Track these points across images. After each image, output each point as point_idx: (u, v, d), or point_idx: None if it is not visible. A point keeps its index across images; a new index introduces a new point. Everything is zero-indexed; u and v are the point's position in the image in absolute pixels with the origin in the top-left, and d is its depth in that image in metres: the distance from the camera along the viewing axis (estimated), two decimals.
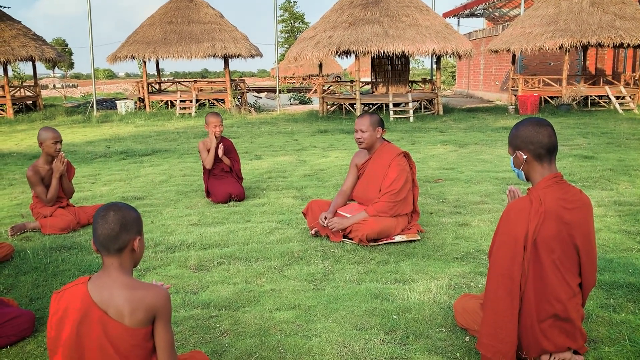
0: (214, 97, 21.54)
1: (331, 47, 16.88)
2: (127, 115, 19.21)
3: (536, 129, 2.65)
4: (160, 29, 20.41)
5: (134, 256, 2.22)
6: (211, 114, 6.37)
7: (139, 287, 2.14)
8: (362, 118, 4.79)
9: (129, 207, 2.19)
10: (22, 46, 19.49)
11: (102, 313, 2.09)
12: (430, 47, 16.67)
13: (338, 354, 2.88)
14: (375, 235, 4.56)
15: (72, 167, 5.56)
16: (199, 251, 4.57)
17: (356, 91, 17.82)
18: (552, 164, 2.69)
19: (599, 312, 3.29)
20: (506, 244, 2.63)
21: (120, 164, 9.39)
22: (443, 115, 17.91)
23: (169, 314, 2.17)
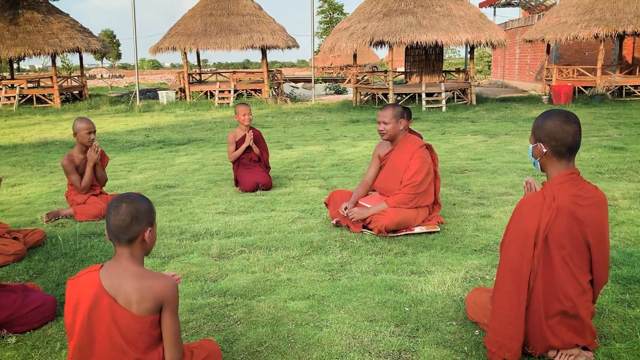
0: (251, 87, 21.76)
1: (365, 38, 16.83)
2: (168, 105, 19.60)
3: (562, 126, 2.55)
4: (201, 20, 20.71)
5: (145, 246, 2.30)
6: (240, 103, 6.51)
7: (148, 276, 2.23)
8: (385, 110, 4.80)
9: (141, 199, 2.27)
10: (70, 38, 20.09)
11: (111, 300, 2.19)
12: (464, 37, 16.45)
13: (347, 345, 2.93)
14: (395, 226, 4.58)
15: (105, 156, 5.74)
16: (222, 239, 4.68)
17: (389, 81, 17.70)
18: (570, 161, 2.63)
19: (613, 308, 3.24)
20: (517, 238, 2.61)
21: (157, 153, 9.63)
22: (476, 105, 17.65)
23: (176, 303, 2.25)
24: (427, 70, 20.02)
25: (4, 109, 19.06)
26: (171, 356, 2.25)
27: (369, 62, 46.38)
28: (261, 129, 12.80)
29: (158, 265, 4.14)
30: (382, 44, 17.78)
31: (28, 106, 19.94)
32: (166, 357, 2.25)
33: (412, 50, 19.72)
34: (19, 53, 19.31)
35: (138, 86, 21.59)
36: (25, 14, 19.99)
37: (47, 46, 19.34)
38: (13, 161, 8.99)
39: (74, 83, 22.58)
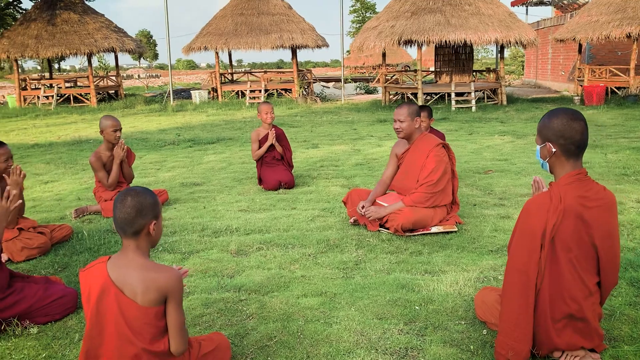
0: (282, 87, 21.92)
1: (393, 37, 16.79)
2: (201, 104, 19.91)
3: (570, 124, 2.54)
4: (232, 20, 20.96)
5: (151, 239, 2.39)
6: (263, 102, 6.63)
7: (153, 268, 2.32)
8: (401, 108, 4.82)
9: (146, 193, 2.35)
10: (105, 38, 20.59)
11: (118, 291, 2.28)
12: (493, 36, 16.27)
13: (355, 341, 2.98)
14: (411, 225, 4.61)
15: (132, 153, 5.91)
16: (241, 236, 4.78)
17: (418, 80, 17.62)
18: (578, 161, 2.61)
19: (625, 310, 3.22)
20: (524, 240, 2.60)
21: (186, 152, 9.82)
22: (506, 105, 17.43)
23: (180, 295, 2.34)
24: (457, 70, 19.87)
25: (43, 108, 19.65)
26: (176, 347, 2.34)
27: (401, 62, 46.16)
28: (289, 128, 12.93)
29: (178, 260, 4.26)
30: (411, 43, 17.70)
31: (66, 105, 20.52)
32: (171, 347, 2.34)
33: (442, 49, 19.61)
34: (56, 53, 19.88)
35: (172, 86, 21.96)
36: (62, 14, 20.56)
37: (83, 46, 19.86)
38: (47, 159, 9.29)
39: (110, 83, 23.11)
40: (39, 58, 22.09)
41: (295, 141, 10.77)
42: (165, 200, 5.97)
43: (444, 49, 19.50)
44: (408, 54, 50.47)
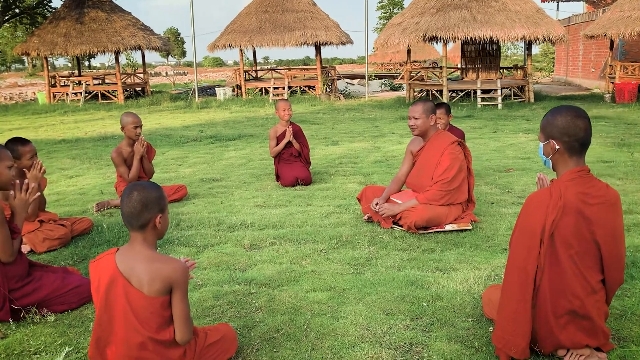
0: (305, 84, 21.99)
1: (418, 34, 16.70)
2: (225, 101, 20.09)
3: (574, 121, 2.54)
4: (256, 18, 21.10)
5: (157, 232, 2.46)
6: (281, 99, 6.68)
7: (159, 260, 2.39)
8: (416, 105, 4.82)
9: (152, 187, 2.42)
10: (132, 36, 20.91)
11: (125, 281, 2.36)
12: (520, 32, 16.04)
13: (360, 335, 3.02)
14: (424, 223, 4.61)
15: (152, 149, 6.02)
16: (256, 231, 4.85)
17: (443, 77, 17.50)
18: (581, 158, 2.62)
19: (637, 310, 3.18)
20: (523, 236, 2.63)
21: (208, 148, 9.95)
22: (534, 103, 17.19)
23: (185, 286, 2.40)
24: (483, 67, 19.68)
25: (71, 104, 20.06)
26: (181, 336, 2.41)
27: (429, 58, 45.76)
28: (310, 125, 12.98)
29: (193, 253, 4.34)
30: (436, 40, 17.58)
31: (94, 102, 20.90)
32: (176, 336, 2.41)
33: (469, 45, 19.43)
34: (84, 51, 20.28)
35: (197, 83, 22.20)
36: (90, 13, 20.95)
37: (110, 44, 20.21)
38: (73, 154, 9.50)
39: (137, 80, 23.47)
40: (67, 56, 22.51)
41: (315, 138, 10.82)
42: (184, 195, 6.08)
43: (471, 46, 19.33)
44: (436, 50, 50.00)
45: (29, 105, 20.35)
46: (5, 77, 58.09)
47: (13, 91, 30.90)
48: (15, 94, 27.69)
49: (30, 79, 48.41)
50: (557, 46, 24.80)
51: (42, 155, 9.50)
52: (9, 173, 3.24)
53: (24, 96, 26.83)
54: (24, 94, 27.82)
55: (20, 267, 3.24)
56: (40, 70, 52.80)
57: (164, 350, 2.41)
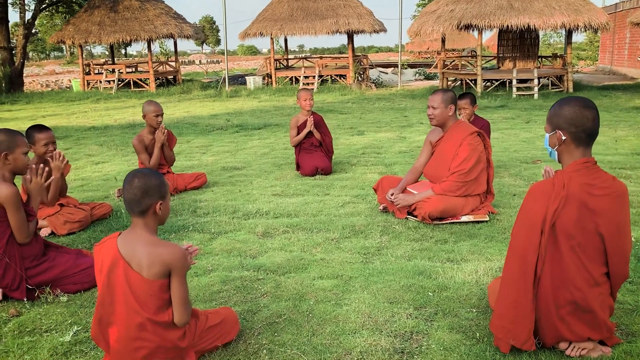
0: (336, 72, 21.91)
1: (452, 22, 16.44)
2: (255, 90, 20.17)
3: (582, 112, 2.52)
4: (288, 6, 21.08)
5: (158, 217, 2.51)
6: (302, 89, 6.68)
7: (158, 244, 2.44)
8: (435, 94, 4.76)
9: (152, 174, 2.48)
10: (164, 24, 21.15)
11: (126, 264, 2.42)
12: (559, 20, 15.62)
13: (361, 323, 3.02)
14: (438, 213, 4.57)
15: (173, 137, 6.10)
16: (270, 219, 4.88)
17: (477, 66, 17.22)
18: (587, 149, 2.58)
19: None
20: (524, 225, 2.60)
21: (232, 137, 10.03)
22: (572, 93, 16.76)
23: (183, 270, 2.45)
24: (521, 56, 19.26)
25: (104, 92, 20.46)
26: (179, 318, 2.47)
27: (467, 46, 44.93)
28: (338, 115, 12.96)
29: (207, 240, 4.41)
30: (471, 28, 17.30)
31: (126, 90, 21.26)
32: (175, 318, 2.47)
33: (506, 33, 19.02)
34: (117, 39, 20.62)
35: (227, 72, 22.36)
36: (124, 1, 21.27)
37: (143, 32, 20.48)
38: (101, 141, 9.71)
39: (169, 68, 23.76)
40: (101, 44, 22.95)
41: (341, 128, 10.80)
42: (204, 183, 6.15)
43: (508, 34, 18.91)
44: (475, 38, 49.13)
45: (64, 93, 20.82)
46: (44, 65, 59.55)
47: (50, 78, 31.70)
48: (51, 82, 28.40)
49: (68, 67, 49.58)
50: (602, 34, 24.02)
51: (71, 141, 9.74)
52: (24, 158, 3.34)
53: (59, 83, 27.49)
54: (60, 82, 28.50)
55: (36, 248, 3.36)
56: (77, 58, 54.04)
57: (162, 332, 2.46)
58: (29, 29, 21.80)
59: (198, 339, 2.63)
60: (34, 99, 18.82)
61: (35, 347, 2.84)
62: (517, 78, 16.69)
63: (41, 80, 30.22)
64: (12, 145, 3.27)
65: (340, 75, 21.91)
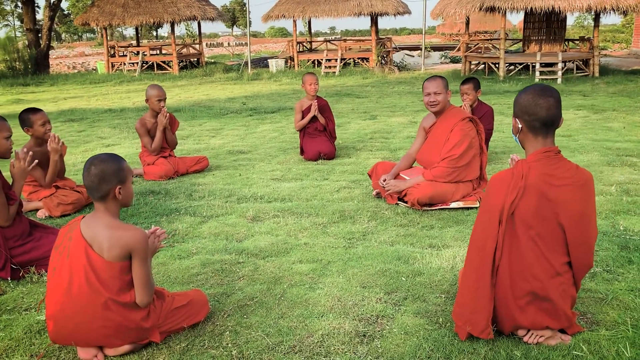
0: (359, 56, 21.77)
1: (474, 4, 16.17)
2: (277, 73, 20.20)
3: (535, 100, 2.51)
4: None
5: (118, 202, 2.59)
6: (308, 73, 6.72)
7: (119, 228, 2.53)
8: (434, 80, 4.71)
9: (110, 160, 2.54)
10: (187, 7, 21.28)
11: (87, 245, 2.51)
12: (585, 2, 15.23)
13: (330, 306, 3.08)
14: (427, 199, 4.57)
15: (175, 121, 6.20)
16: (263, 204, 4.95)
17: (500, 49, 16.91)
18: (547, 138, 2.57)
19: (622, 295, 3.08)
20: (483, 214, 2.62)
21: (244, 120, 10.11)
22: (598, 77, 16.35)
23: (144, 253, 2.53)
24: (547, 39, 18.82)
25: (128, 74, 20.75)
26: (140, 299, 2.56)
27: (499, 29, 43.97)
28: (355, 99, 12.93)
29: (197, 223, 4.50)
30: (494, 10, 16.98)
31: (149, 72, 21.52)
32: (136, 299, 2.56)
33: (532, 16, 18.58)
34: (140, 21, 20.87)
35: (250, 54, 22.41)
36: None
37: (166, 14, 20.66)
38: (115, 123, 9.90)
39: (193, 51, 23.93)
40: (125, 26, 23.22)
41: (355, 112, 10.79)
42: (206, 166, 6.25)
43: (534, 16, 18.48)
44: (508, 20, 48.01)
45: (89, 75, 21.20)
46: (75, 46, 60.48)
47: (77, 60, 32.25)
48: (78, 64, 28.90)
49: (98, 49, 50.24)
50: (637, 16, 23.24)
51: (86, 123, 9.95)
52: (6, 143, 3.47)
53: (86, 65, 27.96)
54: (87, 64, 28.98)
55: (19, 228, 3.49)
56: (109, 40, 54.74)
57: (125, 312, 2.56)
58: (54, 11, 22.18)
59: (163, 320, 2.72)
60: (58, 80, 19.22)
61: (12, 324, 2.97)
62: (540, 62, 16.35)
63: (68, 62, 30.80)
64: None
65: (363, 58, 21.77)
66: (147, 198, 5.16)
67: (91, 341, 2.60)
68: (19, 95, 15.70)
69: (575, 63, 17.49)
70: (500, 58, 16.89)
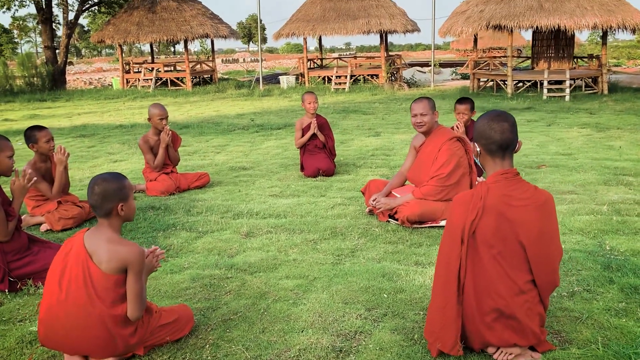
0: (369, 72, 21.97)
1: (481, 22, 16.34)
2: (287, 90, 20.46)
3: (490, 125, 2.65)
4: (320, 6, 21.31)
5: (121, 218, 2.77)
6: (307, 92, 6.88)
7: (118, 242, 2.69)
8: (421, 102, 4.83)
9: (112, 179, 2.71)
10: (200, 25, 21.71)
11: (88, 257, 2.68)
12: (591, 20, 15.31)
13: (311, 322, 3.18)
14: (416, 217, 4.67)
15: (178, 138, 6.37)
16: (258, 220, 5.08)
17: (508, 67, 17.00)
18: (505, 160, 2.68)
19: (598, 315, 3.15)
20: (447, 234, 2.74)
21: (251, 136, 10.29)
22: (606, 95, 16.36)
23: (139, 267, 2.67)
24: (555, 56, 18.90)
25: (142, 90, 21.12)
26: (131, 312, 2.70)
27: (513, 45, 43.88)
28: (361, 115, 13.07)
29: (192, 239, 4.63)
30: (500, 28, 17.10)
31: (163, 88, 21.89)
32: (128, 312, 2.71)
33: (540, 33, 18.70)
34: (154, 39, 21.33)
35: (261, 71, 22.72)
36: (162, 2, 21.96)
37: (179, 32, 21.09)
38: (124, 139, 10.12)
39: (206, 67, 24.30)
40: (139, 43, 23.66)
41: (360, 129, 10.92)
42: (207, 182, 6.40)
43: (542, 34, 18.61)
44: (522, 37, 48.03)
45: (104, 91, 21.62)
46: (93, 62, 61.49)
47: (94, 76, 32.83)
48: (94, 79, 29.44)
49: (115, 64, 51.04)
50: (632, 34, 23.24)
51: (97, 139, 10.19)
52: (9, 162, 3.66)
53: (102, 81, 28.47)
54: (103, 79, 29.51)
55: (18, 243, 3.66)
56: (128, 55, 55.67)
57: (115, 326, 2.68)
58: (72, 29, 22.70)
59: (149, 335, 2.84)
60: (74, 96, 19.62)
61: (6, 335, 3.11)
62: (548, 79, 16.41)
63: (85, 77, 31.37)
64: None
65: (372, 75, 21.96)
66: (146, 213, 5.31)
67: (78, 349, 2.73)
68: (35, 110, 16.07)
69: (584, 80, 17.52)
70: (508, 76, 16.97)
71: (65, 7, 22.50)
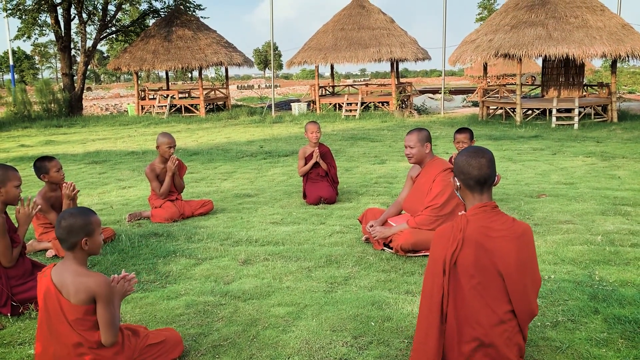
0: (379, 99, 22.22)
1: (490, 51, 16.53)
2: (299, 116, 20.74)
3: (468, 161, 2.79)
4: (332, 35, 21.67)
5: (86, 251, 2.89)
6: (310, 122, 7.04)
7: (85, 274, 2.82)
8: (411, 134, 4.99)
9: (80, 215, 2.85)
10: (214, 53, 22.17)
11: (57, 291, 2.82)
12: (600, 49, 15.42)
13: (297, 349, 3.28)
14: (410, 246, 4.77)
15: (183, 166, 6.56)
16: (257, 247, 5.21)
17: (517, 95, 17.13)
18: (483, 194, 2.81)
19: (579, 345, 3.22)
20: (430, 265, 2.84)
21: (258, 163, 10.47)
22: (616, 123, 16.39)
23: (107, 297, 2.79)
24: (565, 84, 19.00)
25: (156, 117, 21.52)
26: (105, 339, 2.83)
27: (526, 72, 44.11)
28: (368, 142, 13.22)
29: (191, 265, 4.77)
30: (508, 57, 17.29)
31: (177, 115, 22.28)
32: (102, 339, 2.83)
33: (549, 62, 18.86)
34: (169, 67, 21.79)
35: (273, 98, 23.05)
36: (177, 31, 22.49)
37: (194, 61, 21.56)
38: (134, 166, 10.35)
39: (219, 94, 24.73)
40: (155, 70, 24.18)
41: (366, 156, 11.06)
42: (210, 209, 6.56)
43: (552, 62, 18.76)
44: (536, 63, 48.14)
45: (119, 117, 22.06)
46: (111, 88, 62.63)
47: (111, 102, 33.47)
48: (111, 105, 30.01)
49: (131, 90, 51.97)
50: None
51: (108, 166, 10.44)
52: (16, 191, 3.84)
53: (118, 107, 29.02)
54: (120, 105, 30.08)
55: (21, 268, 3.82)
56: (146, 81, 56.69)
57: (96, 350, 2.82)
58: (89, 57, 23.28)
59: (138, 354, 2.97)
60: (90, 122, 20.05)
61: (6, 357, 3.25)
62: (557, 107, 16.49)
63: (102, 104, 31.99)
64: (5, 179, 3.77)
65: (383, 102, 22.20)
66: (149, 240, 5.47)
67: None
68: (51, 136, 16.45)
69: (593, 109, 17.58)
70: (517, 104, 17.09)
71: (83, 35, 23.13)
